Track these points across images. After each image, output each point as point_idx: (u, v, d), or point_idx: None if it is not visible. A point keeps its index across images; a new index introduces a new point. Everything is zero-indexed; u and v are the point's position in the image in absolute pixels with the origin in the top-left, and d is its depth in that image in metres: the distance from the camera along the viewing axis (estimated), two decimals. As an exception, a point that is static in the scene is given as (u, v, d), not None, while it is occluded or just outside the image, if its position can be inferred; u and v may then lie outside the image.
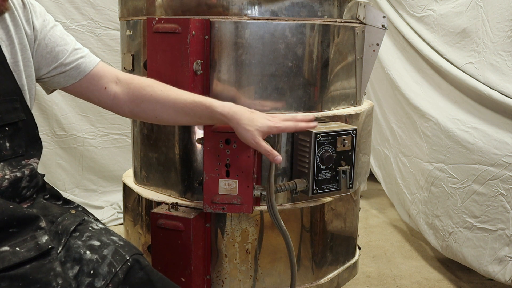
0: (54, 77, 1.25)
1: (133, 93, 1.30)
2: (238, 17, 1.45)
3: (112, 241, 1.13)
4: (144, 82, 1.32)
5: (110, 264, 1.07)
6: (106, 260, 1.08)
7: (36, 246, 1.00)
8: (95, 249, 1.10)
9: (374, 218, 3.20)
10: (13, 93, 1.14)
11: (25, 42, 1.17)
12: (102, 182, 3.17)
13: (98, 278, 1.06)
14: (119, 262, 1.08)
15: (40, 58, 1.22)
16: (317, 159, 1.43)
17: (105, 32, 2.98)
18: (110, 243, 1.12)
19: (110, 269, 1.07)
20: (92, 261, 1.08)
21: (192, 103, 1.27)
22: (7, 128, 1.12)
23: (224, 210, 1.41)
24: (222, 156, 1.38)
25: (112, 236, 1.16)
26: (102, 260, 1.08)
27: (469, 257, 2.21)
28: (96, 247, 1.11)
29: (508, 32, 2.10)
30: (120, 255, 1.10)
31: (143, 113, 1.32)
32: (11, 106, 1.13)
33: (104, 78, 1.29)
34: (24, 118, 1.16)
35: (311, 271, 1.63)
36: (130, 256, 1.11)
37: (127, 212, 1.76)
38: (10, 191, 1.12)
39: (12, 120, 1.13)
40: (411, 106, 2.63)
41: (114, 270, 1.07)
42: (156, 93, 1.29)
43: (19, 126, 1.15)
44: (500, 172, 2.07)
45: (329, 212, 1.65)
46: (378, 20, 1.67)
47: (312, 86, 1.55)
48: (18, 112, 1.14)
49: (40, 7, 1.24)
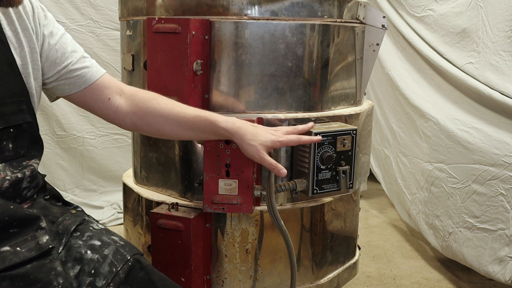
0: (59, 83, 1.25)
1: (136, 105, 1.30)
2: (238, 17, 1.45)
3: (113, 241, 1.14)
4: (149, 95, 1.32)
5: (111, 264, 1.08)
6: (107, 259, 1.09)
7: (37, 246, 1.00)
8: (96, 249, 1.11)
9: (374, 218, 3.20)
10: (20, 95, 1.14)
11: (34, 45, 1.17)
12: (102, 182, 3.17)
13: (99, 277, 1.06)
14: (120, 261, 1.09)
15: (49, 62, 1.22)
16: (317, 159, 1.43)
17: (105, 32, 2.98)
18: (111, 243, 1.13)
19: (111, 269, 1.07)
20: (93, 260, 1.08)
21: (196, 117, 1.27)
22: (11, 130, 1.12)
23: (224, 210, 1.41)
24: (222, 156, 1.38)
25: (112, 236, 1.17)
26: (103, 259, 1.09)
27: (469, 257, 2.21)
28: (97, 246, 1.11)
29: (508, 32, 2.10)
30: (121, 255, 1.10)
31: (146, 126, 1.31)
32: (17, 108, 1.13)
33: (108, 89, 1.29)
34: (30, 120, 1.16)
35: (311, 271, 1.63)
36: (131, 256, 1.11)
37: (127, 212, 1.76)
38: (10, 191, 1.12)
39: (17, 122, 1.13)
40: (411, 106, 2.63)
41: (115, 270, 1.07)
42: (160, 106, 1.29)
43: (24, 128, 1.15)
44: (500, 172, 2.07)
45: (329, 212, 1.65)
46: (378, 20, 1.67)
47: (312, 86, 1.55)
48: (23, 114, 1.14)
49: (50, 14, 1.25)
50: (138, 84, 1.61)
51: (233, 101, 1.49)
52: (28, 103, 1.16)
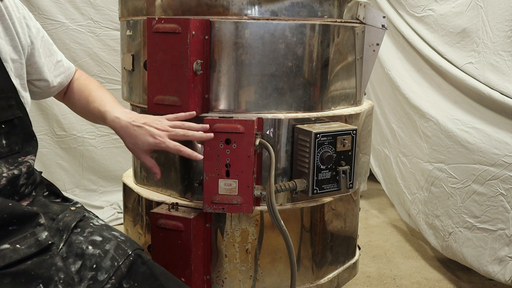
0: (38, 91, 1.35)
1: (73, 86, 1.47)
2: (238, 17, 1.45)
3: (114, 236, 1.14)
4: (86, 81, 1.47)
5: (112, 258, 1.08)
6: (108, 254, 1.09)
7: (37, 242, 1.01)
8: (97, 244, 1.11)
9: (374, 218, 3.20)
10: (8, 91, 1.14)
11: (17, 43, 1.18)
12: (102, 182, 3.17)
13: (101, 271, 1.07)
14: (122, 256, 1.09)
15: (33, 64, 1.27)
16: (317, 159, 1.43)
17: (105, 32, 2.98)
18: (112, 238, 1.13)
19: (112, 263, 1.08)
20: (95, 255, 1.09)
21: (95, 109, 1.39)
22: (3, 126, 1.12)
23: (224, 210, 1.41)
24: (222, 156, 1.38)
25: (113, 231, 1.17)
26: (105, 254, 1.09)
27: (469, 257, 2.21)
28: (98, 242, 1.12)
29: (508, 32, 2.10)
30: (122, 250, 1.11)
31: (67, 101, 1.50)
32: (7, 104, 1.13)
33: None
34: (20, 115, 1.16)
35: (311, 271, 1.63)
36: (132, 250, 1.12)
37: (127, 212, 1.76)
38: (8, 189, 1.12)
39: (8, 117, 1.13)
40: (411, 106, 2.63)
41: (117, 264, 1.08)
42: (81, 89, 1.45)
43: (15, 123, 1.15)
44: (500, 172, 2.07)
45: (329, 212, 1.65)
46: (378, 20, 1.67)
47: (312, 86, 1.55)
48: (13, 109, 1.15)
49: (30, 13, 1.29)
50: (138, 84, 1.61)
51: (233, 101, 1.49)
52: (17, 98, 1.17)
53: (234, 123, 1.38)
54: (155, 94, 1.42)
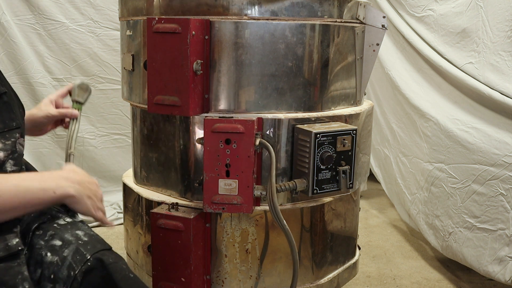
0: None
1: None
2: (238, 17, 1.45)
3: (75, 238, 1.10)
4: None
5: (69, 267, 1.05)
6: (65, 262, 1.06)
7: (6, 247, 0.98)
8: (55, 250, 1.08)
9: (374, 218, 3.20)
10: None
11: None
12: (102, 182, 3.17)
13: (59, 284, 1.04)
14: (79, 263, 1.06)
15: None
16: (317, 159, 1.43)
17: (105, 32, 2.98)
18: (72, 241, 1.09)
19: (69, 273, 1.05)
20: (53, 264, 1.06)
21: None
22: None
23: (224, 210, 1.41)
24: (222, 156, 1.38)
25: (77, 231, 1.13)
26: (62, 262, 1.06)
27: (469, 257, 2.21)
28: (57, 247, 1.09)
29: (508, 32, 2.10)
30: (81, 255, 1.07)
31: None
32: None
33: None
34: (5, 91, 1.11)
35: (311, 271, 1.63)
36: (92, 254, 1.07)
37: (127, 212, 1.76)
38: None
39: None
40: (411, 106, 2.63)
41: (73, 274, 1.04)
42: None
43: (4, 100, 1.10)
44: (500, 172, 2.07)
45: (329, 212, 1.65)
46: (378, 20, 1.67)
47: (312, 86, 1.55)
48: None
49: None
50: (138, 84, 1.61)
51: (233, 101, 1.49)
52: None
53: (234, 123, 1.38)
54: (155, 94, 1.42)
